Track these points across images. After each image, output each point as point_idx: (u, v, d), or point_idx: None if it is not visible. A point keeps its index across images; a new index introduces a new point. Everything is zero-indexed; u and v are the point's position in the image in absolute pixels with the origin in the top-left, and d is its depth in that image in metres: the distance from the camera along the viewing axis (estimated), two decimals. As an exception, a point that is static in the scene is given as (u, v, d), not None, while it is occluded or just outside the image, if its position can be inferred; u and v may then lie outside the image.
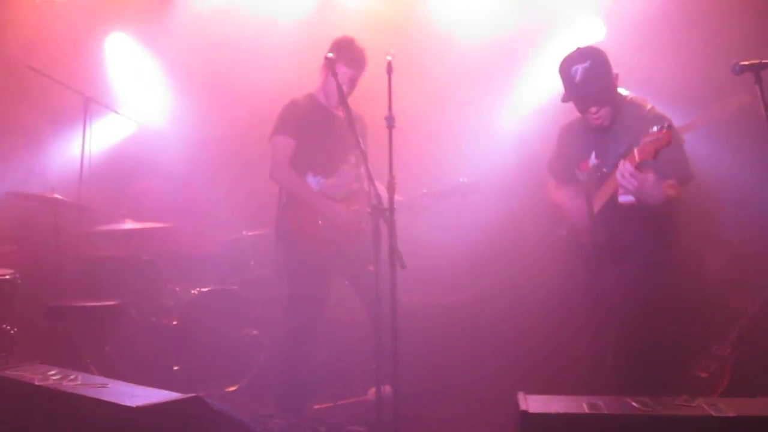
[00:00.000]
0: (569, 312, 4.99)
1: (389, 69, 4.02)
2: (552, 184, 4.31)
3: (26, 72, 5.93)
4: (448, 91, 6.09)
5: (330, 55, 4.29)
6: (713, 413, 2.85)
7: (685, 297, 4.92)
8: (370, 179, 3.96)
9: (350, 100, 4.29)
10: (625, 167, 3.49)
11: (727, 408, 2.88)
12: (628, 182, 3.49)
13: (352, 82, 4.70)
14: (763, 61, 3.21)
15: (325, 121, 4.74)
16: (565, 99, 3.86)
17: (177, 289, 5.77)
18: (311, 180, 4.73)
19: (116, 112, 6.38)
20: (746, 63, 3.17)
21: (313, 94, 4.85)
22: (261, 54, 6.32)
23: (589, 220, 3.94)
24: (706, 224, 5.43)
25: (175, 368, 5.38)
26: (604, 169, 3.86)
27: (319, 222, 4.68)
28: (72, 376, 3.45)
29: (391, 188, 3.93)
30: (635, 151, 3.48)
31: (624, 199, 3.76)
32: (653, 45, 5.28)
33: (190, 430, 3.13)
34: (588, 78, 3.73)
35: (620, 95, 3.93)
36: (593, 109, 3.82)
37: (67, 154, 6.36)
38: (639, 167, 3.48)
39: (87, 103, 6.15)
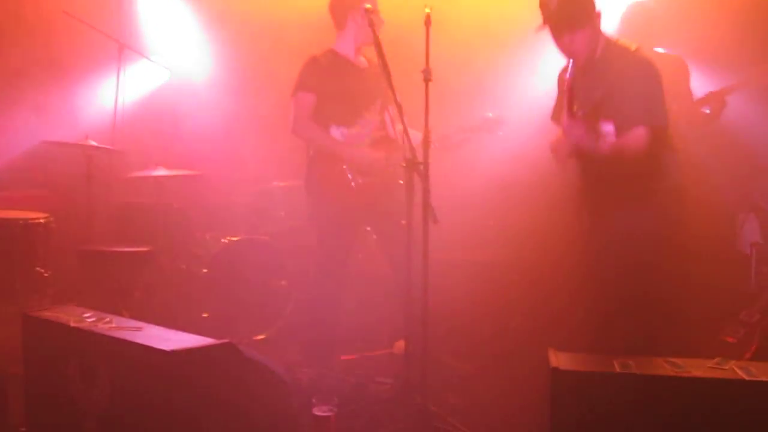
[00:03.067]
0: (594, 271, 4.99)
1: (427, 21, 3.99)
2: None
3: (61, 17, 5.94)
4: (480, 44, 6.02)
5: (368, 5, 4.22)
6: (745, 376, 2.84)
7: (716, 260, 4.91)
8: (405, 131, 3.93)
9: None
10: (564, 122, 3.63)
11: (759, 372, 2.87)
12: (571, 136, 3.62)
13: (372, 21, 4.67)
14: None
15: (345, 73, 4.73)
16: (539, 28, 3.81)
17: (207, 237, 5.80)
18: (334, 131, 4.72)
19: (150, 59, 6.40)
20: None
21: (333, 48, 4.83)
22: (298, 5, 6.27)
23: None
24: (742, 189, 5.38)
25: (204, 315, 5.43)
26: (580, 113, 3.79)
27: (347, 172, 4.67)
28: (107, 319, 3.49)
29: (426, 142, 3.91)
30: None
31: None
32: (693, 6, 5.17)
33: (222, 375, 3.16)
34: (562, 6, 3.72)
35: (605, 35, 3.86)
36: (567, 38, 3.76)
37: (101, 101, 6.37)
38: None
39: (121, 50, 6.17)
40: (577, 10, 3.74)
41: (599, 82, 3.77)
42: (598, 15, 3.79)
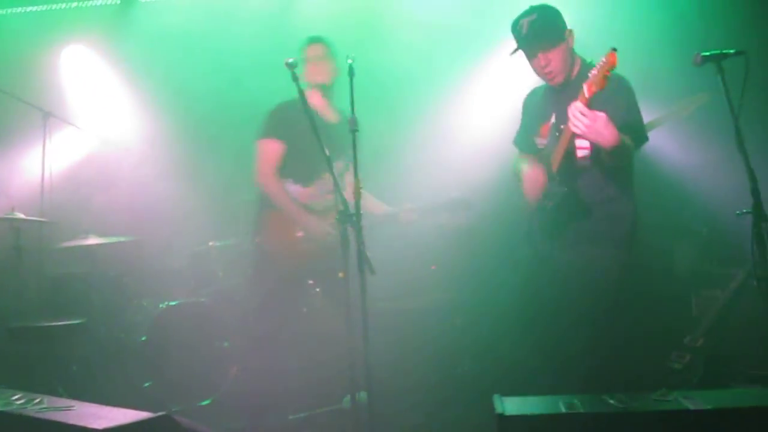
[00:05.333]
0: (542, 311, 4.99)
1: (351, 73, 3.99)
2: (516, 158, 4.28)
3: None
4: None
5: (290, 60, 4.15)
6: (690, 406, 2.83)
7: (656, 289, 4.95)
8: (336, 184, 3.90)
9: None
10: (575, 106, 3.46)
11: (703, 401, 2.87)
12: (579, 121, 3.44)
13: (317, 66, 4.66)
14: (724, 51, 3.22)
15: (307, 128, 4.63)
16: (513, 51, 3.87)
17: (144, 303, 5.64)
18: (291, 188, 4.67)
19: (76, 126, 6.28)
20: (707, 54, 3.18)
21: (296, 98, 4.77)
22: (223, 62, 6.26)
23: (546, 182, 3.89)
24: (675, 216, 5.45)
25: (147, 384, 5.27)
26: (561, 126, 3.79)
27: (299, 234, 4.62)
28: (37, 400, 3.36)
29: (357, 193, 3.87)
30: (584, 87, 3.45)
31: (581, 153, 3.78)
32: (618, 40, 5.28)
33: (160, 449, 3.04)
34: (533, 29, 3.79)
35: (579, 57, 3.93)
36: (542, 61, 3.81)
37: (28, 171, 6.24)
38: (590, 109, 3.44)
39: (46, 118, 6.05)
40: (549, 30, 3.80)
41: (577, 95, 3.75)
42: (570, 33, 3.86)
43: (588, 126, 3.43)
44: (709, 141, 5.22)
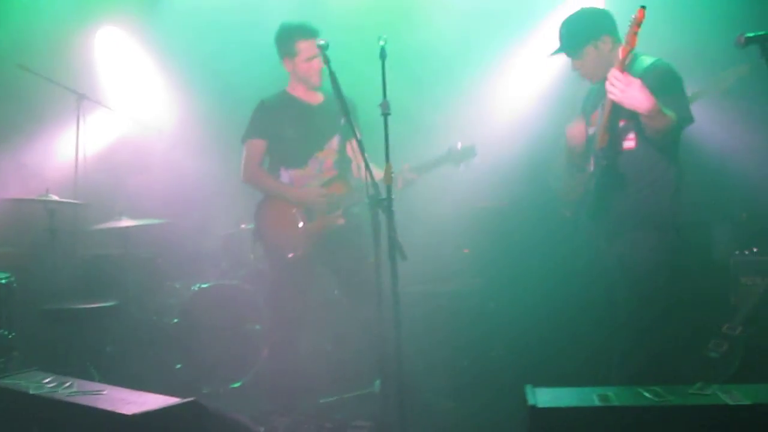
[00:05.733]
0: (579, 299, 4.92)
1: (382, 55, 3.92)
2: None
3: (16, 71, 5.83)
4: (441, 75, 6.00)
5: (322, 42, 4.11)
6: (729, 401, 2.75)
7: (693, 274, 4.85)
8: (367, 166, 3.84)
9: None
10: (612, 73, 3.53)
11: (743, 395, 2.78)
12: (616, 88, 3.50)
13: (310, 65, 4.62)
14: (769, 32, 3.11)
15: (295, 114, 4.69)
16: (554, 53, 4.06)
17: (177, 286, 5.69)
18: (283, 174, 4.71)
19: (110, 108, 6.29)
20: (752, 35, 3.06)
21: (285, 89, 4.80)
22: (256, 42, 6.20)
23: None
24: (713, 199, 5.32)
25: (178, 366, 5.30)
26: (603, 102, 3.84)
27: (296, 214, 4.62)
28: (68, 383, 3.37)
29: (388, 177, 3.81)
30: (619, 51, 3.54)
31: (627, 144, 3.85)
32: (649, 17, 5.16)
33: (188, 435, 3.03)
34: (560, 39, 4.00)
35: (633, 55, 3.86)
36: (575, 65, 4.01)
37: (61, 153, 6.25)
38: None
39: (80, 100, 6.06)
40: (573, 41, 3.96)
41: None
42: (606, 39, 3.92)
43: (623, 90, 3.49)
44: (750, 121, 5.11)
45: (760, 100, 4.99)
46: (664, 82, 3.73)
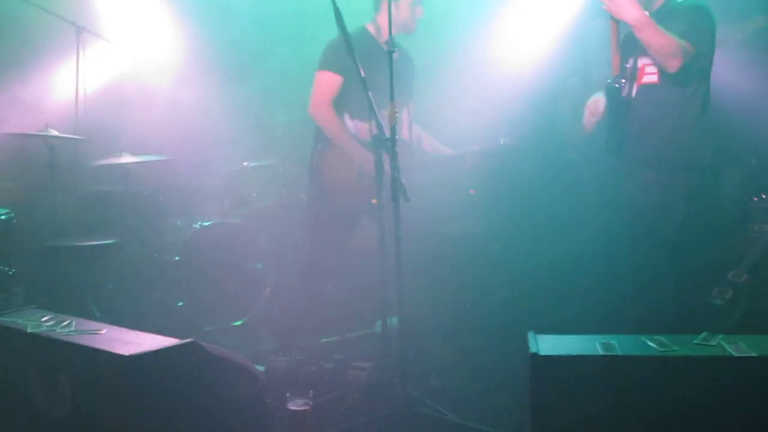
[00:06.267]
0: (584, 243, 4.87)
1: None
2: None
3: (11, 1, 5.68)
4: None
5: None
6: (734, 353, 2.70)
7: (700, 219, 4.78)
8: (371, 106, 3.75)
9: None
10: None
11: (747, 347, 2.74)
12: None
13: (415, 11, 4.52)
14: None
15: (373, 60, 4.30)
16: None
17: (178, 223, 5.65)
18: (349, 123, 4.53)
19: (110, 42, 6.15)
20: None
21: (366, 27, 4.61)
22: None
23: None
24: (722, 145, 5.22)
25: (180, 304, 5.28)
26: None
27: (354, 170, 4.47)
28: (66, 322, 3.33)
29: (392, 117, 3.72)
30: None
31: (646, 79, 3.89)
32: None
33: (186, 375, 3.01)
34: None
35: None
36: None
37: (61, 88, 6.11)
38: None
39: (79, 33, 5.89)
40: None
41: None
42: None
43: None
44: (764, 69, 4.98)
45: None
46: (689, 16, 3.75)
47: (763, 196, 4.99)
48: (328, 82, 4.45)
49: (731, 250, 4.84)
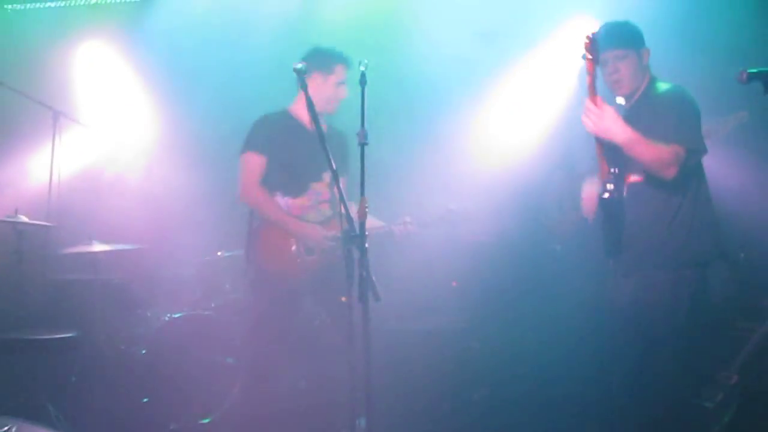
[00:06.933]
0: (565, 336, 4.72)
1: (363, 81, 3.71)
2: None
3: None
4: (435, 103, 5.81)
5: (300, 65, 3.87)
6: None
7: (700, 318, 4.66)
8: (342, 201, 3.63)
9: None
10: (585, 103, 3.55)
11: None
12: (589, 119, 3.54)
13: (338, 91, 4.49)
14: (773, 69, 2.93)
15: (297, 138, 4.45)
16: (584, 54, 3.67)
17: (148, 314, 5.48)
18: (280, 200, 4.49)
19: (87, 127, 6.07)
20: (755, 71, 2.87)
21: (288, 109, 4.61)
22: (239, 65, 6.03)
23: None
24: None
25: (145, 400, 5.06)
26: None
27: (293, 246, 4.43)
28: (5, 429, 3.13)
29: (362, 212, 3.59)
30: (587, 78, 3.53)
31: (632, 178, 3.78)
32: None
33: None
34: (607, 30, 3.81)
35: (650, 76, 3.90)
36: (611, 68, 3.81)
37: (35, 172, 6.04)
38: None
39: (56, 117, 5.81)
40: (625, 34, 3.86)
41: (642, 116, 3.74)
42: (647, 51, 3.87)
43: (596, 122, 3.52)
44: (749, 161, 5.01)
45: (758, 140, 4.99)
46: (675, 110, 3.68)
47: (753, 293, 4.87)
48: (253, 163, 4.45)
49: (720, 349, 4.68)
